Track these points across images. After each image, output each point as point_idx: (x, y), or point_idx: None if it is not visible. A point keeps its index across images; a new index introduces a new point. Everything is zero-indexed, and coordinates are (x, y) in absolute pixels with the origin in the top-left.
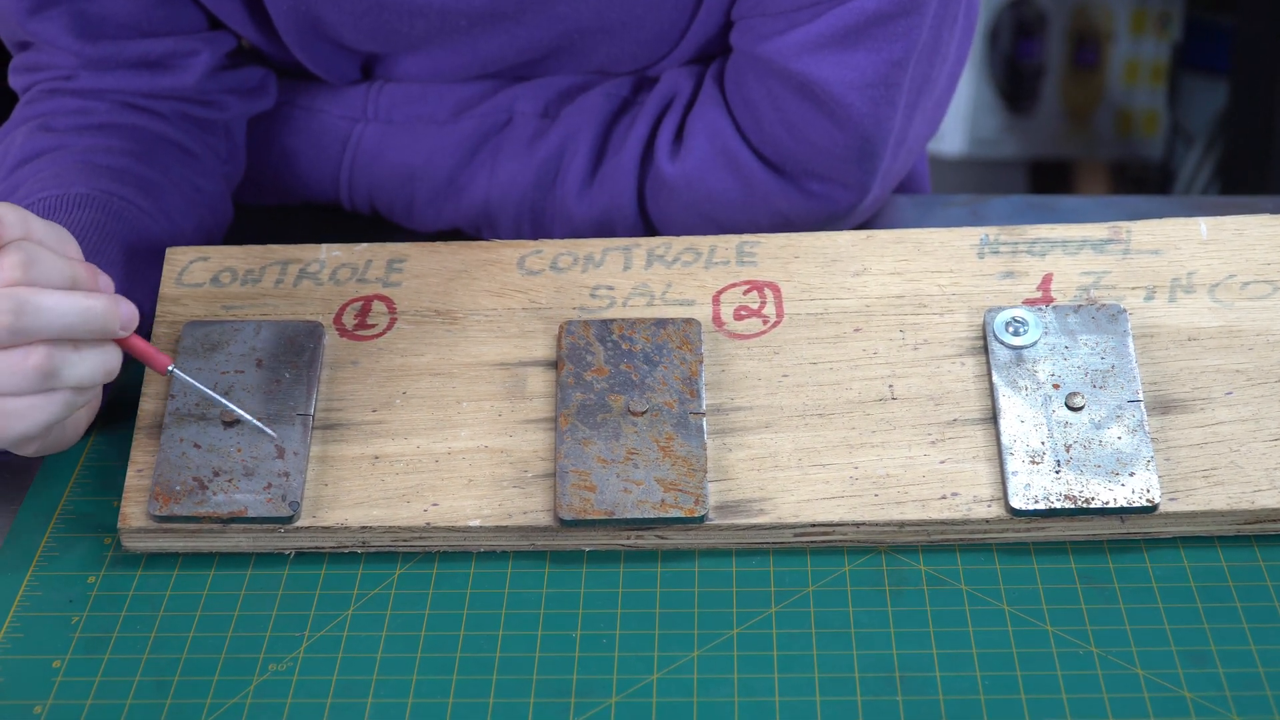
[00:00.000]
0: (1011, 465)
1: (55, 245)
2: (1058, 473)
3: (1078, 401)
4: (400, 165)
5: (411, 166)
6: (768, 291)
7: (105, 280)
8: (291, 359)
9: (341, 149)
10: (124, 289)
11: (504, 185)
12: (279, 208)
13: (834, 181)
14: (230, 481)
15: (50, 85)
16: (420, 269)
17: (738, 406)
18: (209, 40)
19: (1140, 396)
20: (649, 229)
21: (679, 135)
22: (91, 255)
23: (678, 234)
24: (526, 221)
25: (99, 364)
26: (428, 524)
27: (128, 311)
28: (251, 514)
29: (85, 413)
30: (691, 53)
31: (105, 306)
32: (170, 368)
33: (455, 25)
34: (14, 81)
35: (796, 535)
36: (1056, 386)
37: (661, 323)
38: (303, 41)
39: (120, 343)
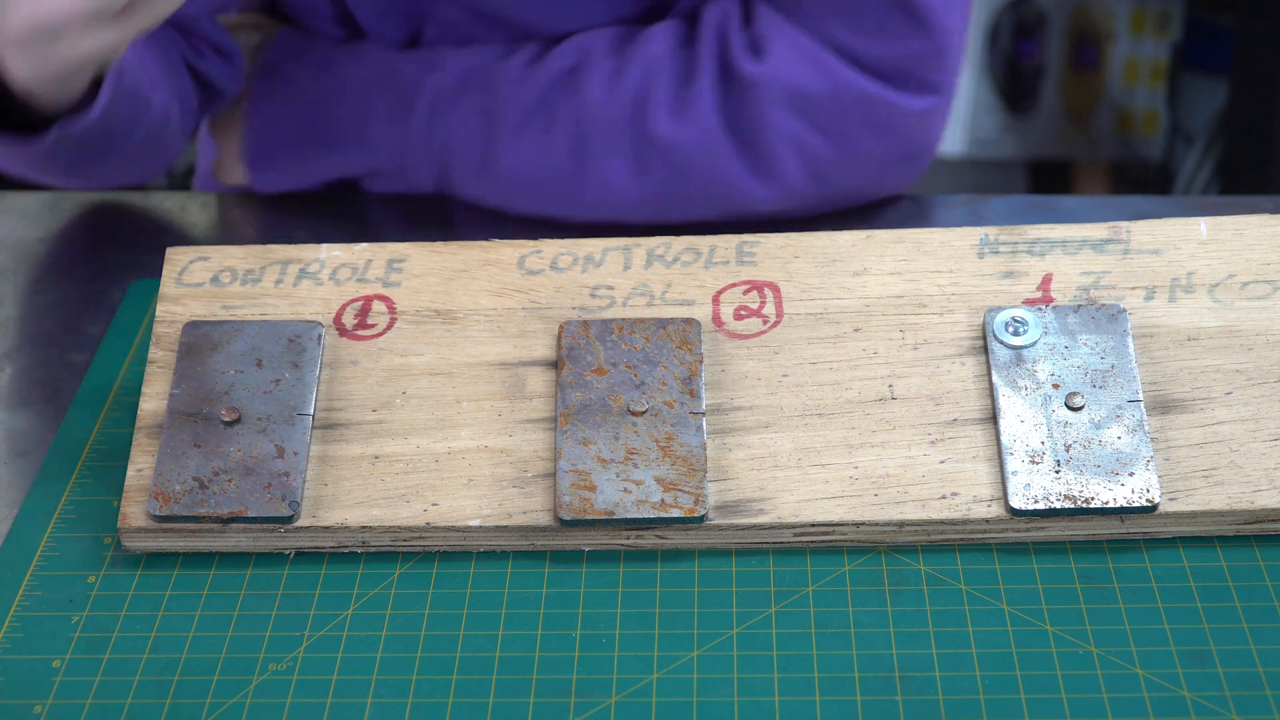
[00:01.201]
0: (1011, 465)
1: None
2: (1057, 473)
3: (1077, 401)
4: (480, 108)
5: (491, 105)
6: (767, 291)
7: None
8: (291, 359)
9: (414, 96)
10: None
11: (599, 106)
12: (283, 205)
13: (913, 78)
14: (230, 481)
15: None
16: (420, 269)
17: (737, 406)
18: None
19: (1140, 396)
20: (738, 142)
21: (753, 49)
22: None
23: (766, 150)
24: (625, 141)
25: None
26: (428, 524)
27: None
28: (251, 514)
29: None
30: None
31: None
32: None
33: None
34: None
35: (796, 535)
36: (1056, 386)
37: (661, 323)
38: None
39: None
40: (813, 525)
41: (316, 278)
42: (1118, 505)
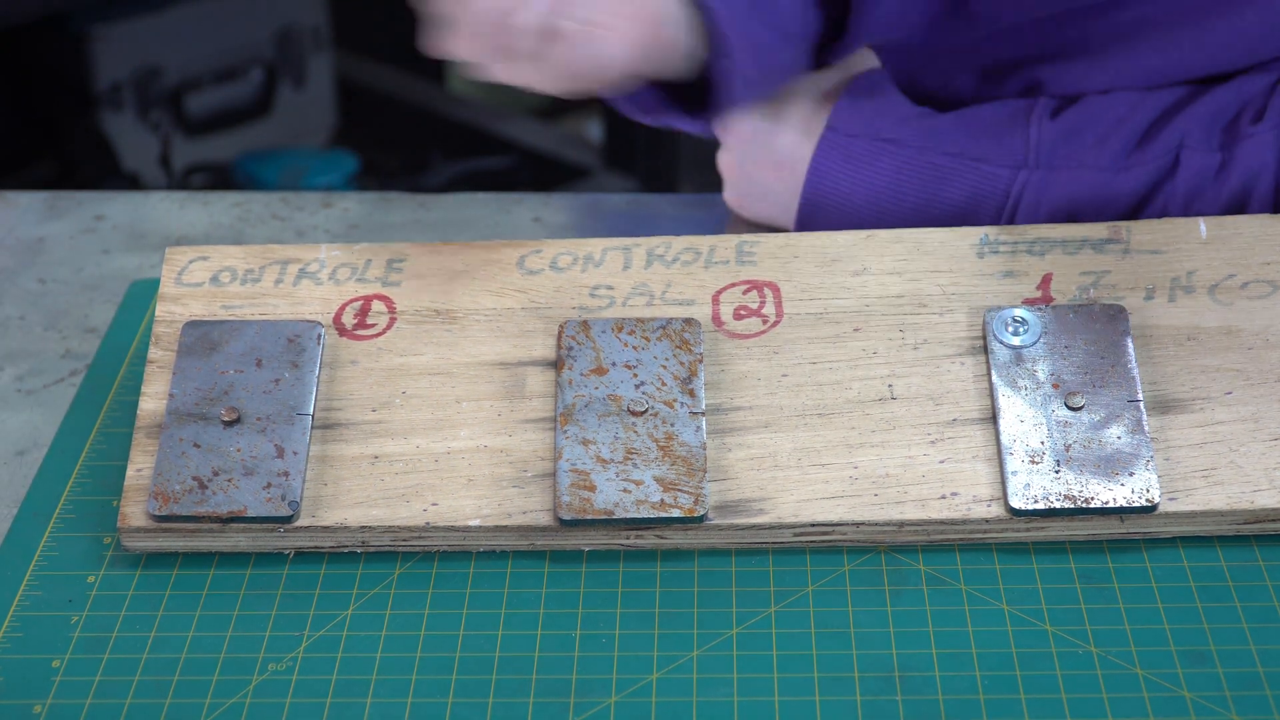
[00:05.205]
0: (1011, 465)
1: None
2: (1057, 472)
3: (1077, 401)
4: (1060, 208)
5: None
6: (767, 291)
7: None
8: (291, 359)
9: (1003, 200)
10: None
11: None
12: (283, 204)
13: None
14: (230, 481)
15: None
16: (420, 269)
17: (737, 406)
18: None
19: (1140, 396)
20: None
21: None
22: None
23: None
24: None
25: None
26: (427, 524)
27: None
28: (251, 514)
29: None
30: None
31: None
32: None
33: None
34: None
35: (796, 535)
36: (1056, 386)
37: (661, 322)
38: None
39: None
40: (812, 525)
41: (316, 277)
42: (1118, 505)
